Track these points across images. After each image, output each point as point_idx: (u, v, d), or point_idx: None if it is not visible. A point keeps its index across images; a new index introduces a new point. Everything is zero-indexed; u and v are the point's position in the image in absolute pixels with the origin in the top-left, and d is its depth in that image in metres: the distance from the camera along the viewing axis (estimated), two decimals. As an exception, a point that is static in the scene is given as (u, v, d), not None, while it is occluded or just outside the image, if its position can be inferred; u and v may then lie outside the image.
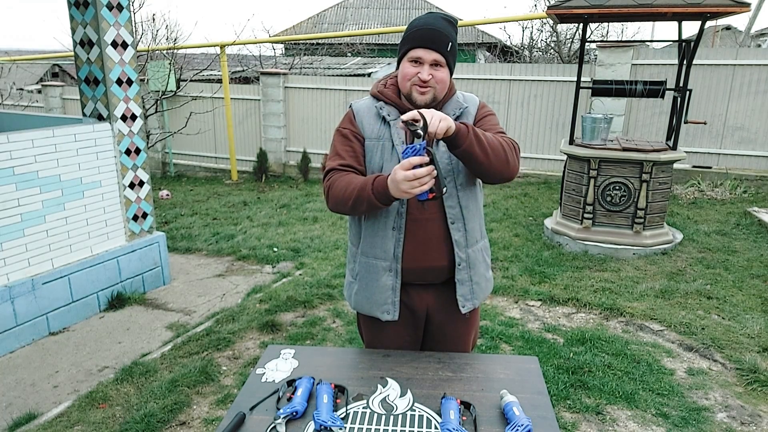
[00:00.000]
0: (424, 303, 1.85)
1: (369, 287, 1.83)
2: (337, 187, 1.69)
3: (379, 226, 1.77)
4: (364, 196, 1.60)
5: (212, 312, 4.17)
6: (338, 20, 21.43)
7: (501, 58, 17.85)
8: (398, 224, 1.74)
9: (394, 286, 1.80)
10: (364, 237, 1.82)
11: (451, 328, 1.91)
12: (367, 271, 1.83)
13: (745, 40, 12.83)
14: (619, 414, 2.79)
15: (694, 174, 7.51)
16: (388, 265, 1.78)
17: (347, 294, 1.96)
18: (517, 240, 5.62)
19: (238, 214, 7.07)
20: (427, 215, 1.74)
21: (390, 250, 1.77)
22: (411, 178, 1.46)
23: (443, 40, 1.67)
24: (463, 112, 1.82)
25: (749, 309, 3.93)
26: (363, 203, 1.62)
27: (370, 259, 1.81)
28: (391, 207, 1.72)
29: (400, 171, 1.48)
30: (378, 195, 1.57)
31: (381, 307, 1.82)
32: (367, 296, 1.84)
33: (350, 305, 1.95)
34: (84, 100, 4.28)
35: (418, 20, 1.72)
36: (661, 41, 5.68)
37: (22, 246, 3.69)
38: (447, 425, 1.37)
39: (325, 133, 9.21)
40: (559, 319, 3.88)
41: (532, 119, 8.19)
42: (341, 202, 1.69)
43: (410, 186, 1.46)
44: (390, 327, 1.87)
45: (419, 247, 1.76)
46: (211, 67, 10.59)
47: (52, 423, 2.81)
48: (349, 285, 1.94)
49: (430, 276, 1.82)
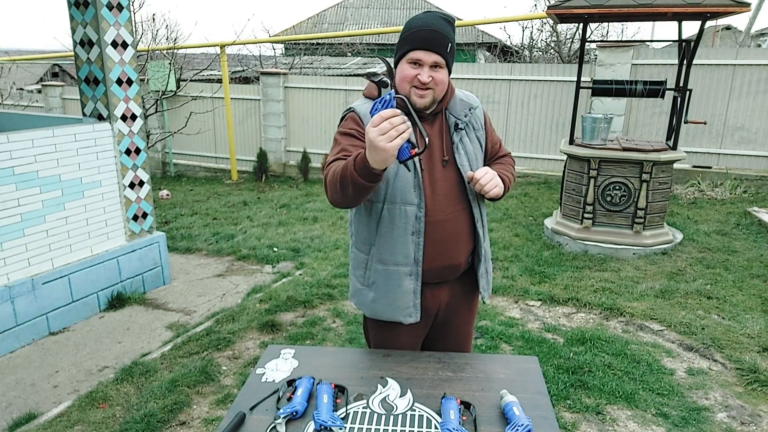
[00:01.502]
0: (437, 300, 1.87)
1: (390, 294, 1.80)
2: (330, 173, 1.61)
3: (398, 233, 1.74)
4: (348, 174, 1.48)
5: (212, 312, 4.17)
6: (338, 20, 21.43)
7: (501, 58, 17.84)
8: (417, 228, 1.73)
9: (416, 290, 1.79)
10: (379, 245, 1.78)
11: (457, 320, 1.95)
12: (386, 279, 1.80)
13: (745, 40, 12.82)
14: (619, 414, 2.79)
15: (694, 174, 7.51)
16: (409, 270, 1.77)
17: (358, 301, 1.91)
18: (517, 240, 5.62)
19: (238, 214, 7.07)
20: (442, 216, 1.75)
21: (411, 255, 1.75)
22: (386, 129, 1.31)
23: (443, 42, 1.65)
24: (473, 114, 1.84)
25: (749, 309, 3.93)
26: (348, 184, 1.49)
27: (389, 266, 1.78)
28: (409, 213, 1.71)
29: (371, 129, 1.33)
30: (359, 170, 1.44)
31: (404, 311, 1.81)
32: (389, 302, 1.81)
33: (365, 312, 1.91)
34: (84, 100, 4.28)
35: (417, 20, 1.69)
36: (661, 41, 5.68)
37: (22, 246, 3.69)
38: (447, 425, 1.37)
39: (325, 133, 9.21)
40: (559, 319, 3.88)
41: (532, 119, 8.19)
42: (332, 188, 1.59)
43: (388, 138, 1.31)
44: (404, 329, 1.86)
45: (437, 248, 1.77)
46: (211, 67, 10.58)
47: (52, 423, 2.81)
48: (359, 292, 1.89)
49: (446, 274, 1.83)
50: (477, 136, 1.84)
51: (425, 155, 1.74)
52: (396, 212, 1.72)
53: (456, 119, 1.79)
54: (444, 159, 1.76)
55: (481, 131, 1.86)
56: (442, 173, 1.76)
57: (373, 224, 1.77)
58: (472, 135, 1.83)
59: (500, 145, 1.99)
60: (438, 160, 1.76)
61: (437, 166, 1.76)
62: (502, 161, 1.96)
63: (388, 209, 1.73)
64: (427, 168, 1.75)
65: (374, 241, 1.79)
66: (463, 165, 1.77)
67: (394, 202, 1.72)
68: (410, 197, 1.71)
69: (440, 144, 1.77)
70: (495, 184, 1.71)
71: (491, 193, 1.71)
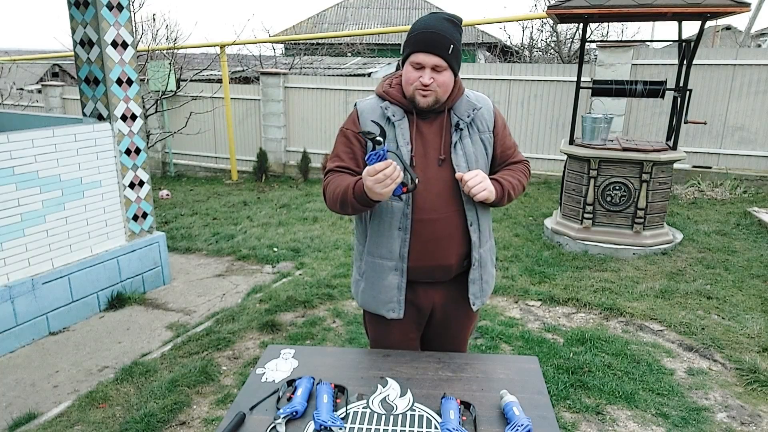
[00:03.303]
0: (430, 300, 1.87)
1: (375, 286, 1.85)
2: (329, 190, 1.76)
3: (384, 227, 1.78)
4: (348, 200, 1.67)
5: (212, 312, 4.17)
6: (338, 20, 21.43)
7: (501, 58, 17.84)
8: (404, 225, 1.75)
9: (400, 285, 1.81)
10: (370, 236, 1.83)
11: (454, 323, 1.94)
12: (373, 270, 1.84)
13: (745, 40, 12.83)
14: (619, 414, 2.79)
15: (694, 174, 7.51)
16: (393, 265, 1.80)
17: (354, 291, 1.98)
18: (517, 240, 5.62)
19: (238, 214, 7.07)
20: (434, 215, 1.75)
21: (396, 250, 1.78)
22: (381, 179, 1.53)
23: (444, 44, 1.65)
24: (477, 114, 1.82)
25: (749, 309, 3.93)
26: (348, 207, 1.69)
27: (375, 258, 1.83)
28: (395, 208, 1.75)
29: (368, 178, 1.55)
30: (359, 199, 1.63)
31: (386, 305, 1.84)
32: (373, 294, 1.86)
33: (357, 302, 1.96)
34: (84, 100, 4.28)
35: (420, 23, 1.70)
36: (661, 41, 5.68)
37: (22, 246, 3.69)
38: (447, 425, 1.37)
39: (325, 133, 9.21)
40: (559, 319, 3.88)
41: (532, 119, 8.19)
42: (332, 203, 1.76)
43: (383, 186, 1.53)
44: (395, 324, 1.88)
45: (426, 246, 1.77)
46: (211, 67, 10.59)
47: (52, 423, 2.81)
48: (356, 282, 1.95)
49: (437, 274, 1.83)
50: (482, 137, 1.82)
51: (421, 153, 1.76)
52: (384, 207, 1.77)
53: (458, 119, 1.79)
54: (440, 158, 1.76)
55: (488, 133, 1.83)
56: (436, 172, 1.76)
57: (366, 217, 1.84)
58: (476, 136, 1.81)
59: (514, 150, 1.93)
60: (434, 159, 1.76)
61: (433, 165, 1.76)
62: (513, 167, 1.91)
63: (378, 204, 1.74)
64: (421, 166, 1.75)
65: (367, 234, 1.85)
66: (460, 165, 1.75)
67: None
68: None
69: (438, 142, 1.77)
70: (483, 187, 1.69)
71: (479, 196, 1.69)
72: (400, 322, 1.87)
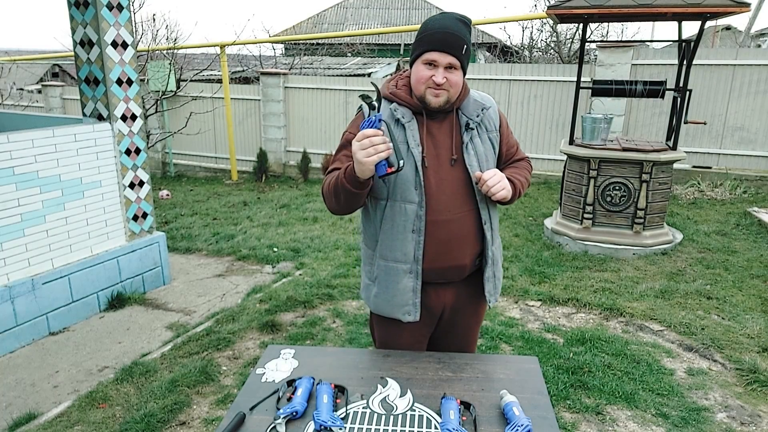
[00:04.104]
0: (441, 301, 1.87)
1: (389, 290, 1.83)
2: (325, 185, 1.77)
3: (397, 230, 1.76)
4: (339, 182, 1.65)
5: (212, 312, 4.17)
6: (338, 20, 21.43)
7: (501, 58, 17.84)
8: (417, 227, 1.74)
9: (415, 288, 1.80)
10: (381, 241, 1.81)
11: (462, 323, 1.95)
12: (386, 275, 1.82)
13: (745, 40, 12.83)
14: (619, 414, 2.79)
15: (694, 174, 7.51)
16: (408, 268, 1.78)
17: (365, 296, 1.96)
18: (517, 240, 5.62)
19: (238, 214, 7.07)
20: (448, 216, 1.75)
21: (410, 253, 1.76)
22: (367, 145, 1.49)
23: (458, 43, 1.65)
24: (486, 114, 1.83)
25: (749, 309, 3.93)
26: (340, 192, 1.66)
27: (389, 262, 1.80)
28: (408, 210, 1.73)
29: (355, 143, 1.53)
30: (348, 177, 1.61)
31: (402, 309, 1.82)
32: (388, 299, 1.84)
33: (369, 307, 1.95)
34: (84, 100, 4.28)
35: (433, 22, 1.70)
36: (661, 41, 5.68)
37: (22, 246, 3.69)
38: (447, 425, 1.37)
39: (325, 133, 9.21)
40: (559, 319, 3.88)
41: (532, 119, 8.20)
42: (328, 195, 1.75)
43: (366, 154, 1.49)
44: (406, 327, 1.87)
45: (440, 248, 1.76)
46: (211, 67, 10.58)
47: (52, 423, 2.81)
48: (367, 287, 1.93)
49: (450, 275, 1.83)
50: (489, 137, 1.83)
51: (432, 153, 1.75)
52: (396, 210, 1.75)
53: (468, 119, 1.78)
54: (452, 158, 1.76)
55: (495, 133, 1.84)
56: (449, 172, 1.76)
57: (378, 221, 1.81)
58: (484, 136, 1.82)
59: (517, 148, 1.97)
60: (446, 160, 1.76)
61: (445, 166, 1.76)
62: (517, 165, 1.94)
63: (390, 206, 1.75)
64: (434, 167, 1.74)
65: (378, 238, 1.82)
66: (472, 165, 1.76)
67: (395, 199, 1.74)
68: (410, 195, 1.72)
69: (449, 143, 1.77)
70: (502, 186, 1.70)
71: (498, 195, 1.70)
72: (412, 324, 1.86)
